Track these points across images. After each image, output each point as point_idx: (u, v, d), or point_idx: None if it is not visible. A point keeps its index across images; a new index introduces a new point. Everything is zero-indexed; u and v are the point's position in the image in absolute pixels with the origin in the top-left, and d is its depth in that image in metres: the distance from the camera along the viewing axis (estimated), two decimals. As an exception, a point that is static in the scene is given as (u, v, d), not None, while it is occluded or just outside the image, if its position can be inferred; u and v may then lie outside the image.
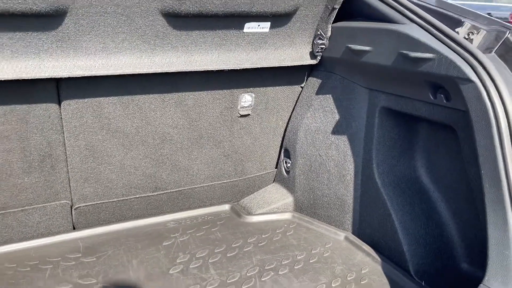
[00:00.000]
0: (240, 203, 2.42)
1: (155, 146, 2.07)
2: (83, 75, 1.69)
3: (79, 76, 1.69)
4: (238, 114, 2.22)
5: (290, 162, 2.36)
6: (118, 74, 1.76)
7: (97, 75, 1.72)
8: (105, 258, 1.86)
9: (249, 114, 2.25)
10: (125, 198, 2.10)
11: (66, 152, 1.88)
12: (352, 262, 1.90)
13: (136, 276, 1.75)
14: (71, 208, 2.00)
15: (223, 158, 2.28)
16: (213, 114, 2.15)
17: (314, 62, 2.18)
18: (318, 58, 2.16)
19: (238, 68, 2.00)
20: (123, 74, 1.77)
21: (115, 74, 1.76)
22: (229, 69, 1.98)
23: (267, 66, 2.07)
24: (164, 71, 1.84)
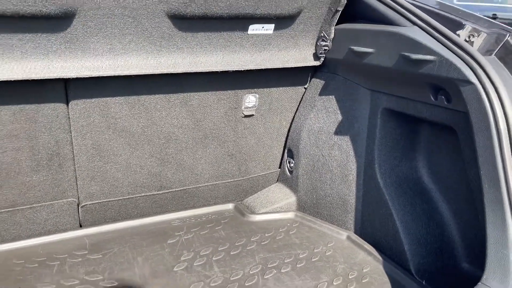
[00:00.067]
0: (243, 202, 2.43)
1: (161, 145, 2.09)
2: (91, 76, 1.72)
3: (87, 76, 1.71)
4: (242, 114, 2.24)
5: (293, 162, 2.38)
6: (125, 74, 1.78)
7: (104, 76, 1.75)
8: (111, 255, 1.88)
9: (253, 115, 2.27)
10: (130, 196, 2.12)
11: (73, 151, 1.91)
12: (353, 261, 1.92)
13: (141, 273, 1.78)
14: (78, 206, 2.03)
15: (227, 158, 2.30)
16: (217, 115, 2.17)
17: (317, 63, 2.19)
18: (321, 59, 2.18)
19: (243, 69, 2.01)
20: (130, 74, 1.79)
21: (122, 75, 1.78)
22: (233, 70, 2.00)
23: (271, 67, 2.08)
24: (169, 72, 1.86)
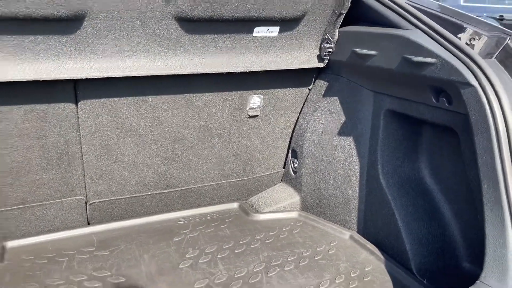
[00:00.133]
0: (248, 202, 2.46)
1: (167, 145, 2.12)
2: (100, 77, 1.75)
3: (96, 77, 1.75)
4: (247, 115, 2.26)
5: (297, 162, 2.40)
6: (133, 75, 1.82)
7: (112, 77, 1.78)
8: (118, 252, 1.92)
9: (257, 115, 2.29)
10: (137, 195, 2.15)
11: (82, 150, 1.95)
12: (356, 260, 1.94)
13: (147, 269, 1.81)
14: (86, 203, 2.06)
15: (232, 158, 2.33)
16: (223, 115, 2.20)
17: (321, 65, 2.21)
18: (325, 61, 2.20)
19: (248, 70, 2.04)
20: (138, 75, 1.83)
21: (130, 76, 1.81)
22: (238, 71, 2.02)
23: (276, 69, 2.11)
24: (176, 73, 1.89)
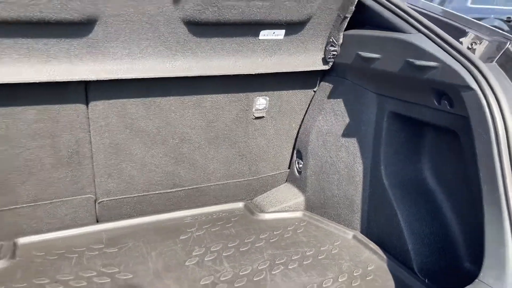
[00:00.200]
0: (253, 201, 2.48)
1: (175, 145, 2.16)
2: (110, 78, 1.79)
3: (106, 79, 1.79)
4: (253, 116, 2.29)
5: (302, 163, 2.43)
6: (142, 77, 1.85)
7: (122, 79, 1.82)
8: (126, 249, 1.96)
9: (263, 117, 2.32)
10: (145, 193, 2.19)
11: (92, 149, 1.99)
12: (359, 259, 1.97)
13: (154, 266, 1.85)
14: (95, 202, 2.10)
15: (238, 158, 2.36)
16: (229, 116, 2.23)
17: (326, 67, 2.24)
18: (330, 64, 2.22)
19: (254, 73, 2.07)
20: (146, 77, 1.86)
21: (139, 78, 1.85)
22: (245, 73, 2.05)
23: (281, 71, 2.14)
24: (184, 75, 1.93)
